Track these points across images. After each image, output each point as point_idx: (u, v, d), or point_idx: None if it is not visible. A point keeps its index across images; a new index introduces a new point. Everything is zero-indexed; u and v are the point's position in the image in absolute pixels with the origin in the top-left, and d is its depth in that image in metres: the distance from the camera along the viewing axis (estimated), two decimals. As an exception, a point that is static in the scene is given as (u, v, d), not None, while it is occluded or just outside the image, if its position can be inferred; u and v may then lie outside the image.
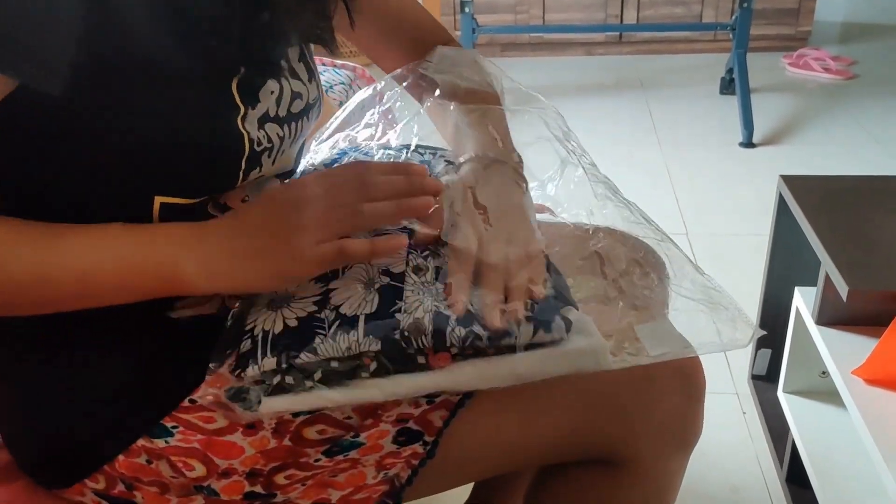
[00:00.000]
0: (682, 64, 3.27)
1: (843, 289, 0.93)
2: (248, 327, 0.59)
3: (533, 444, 0.67)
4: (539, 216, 0.77)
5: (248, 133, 0.60)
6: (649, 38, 3.36)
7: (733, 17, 2.64)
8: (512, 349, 0.57)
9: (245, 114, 0.60)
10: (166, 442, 0.61)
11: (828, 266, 0.98)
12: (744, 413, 1.38)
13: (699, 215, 2.07)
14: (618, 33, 3.35)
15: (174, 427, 0.61)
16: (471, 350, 0.57)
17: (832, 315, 1.01)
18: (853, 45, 3.43)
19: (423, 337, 0.57)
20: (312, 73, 0.71)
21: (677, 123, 2.69)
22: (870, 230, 1.04)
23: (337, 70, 1.22)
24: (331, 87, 1.15)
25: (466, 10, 2.69)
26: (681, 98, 2.91)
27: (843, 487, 1.01)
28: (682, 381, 0.68)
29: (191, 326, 0.63)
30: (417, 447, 0.63)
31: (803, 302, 1.08)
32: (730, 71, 2.80)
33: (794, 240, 1.20)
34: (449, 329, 0.57)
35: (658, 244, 0.76)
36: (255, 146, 0.61)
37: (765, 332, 0.65)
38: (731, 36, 2.72)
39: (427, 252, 0.64)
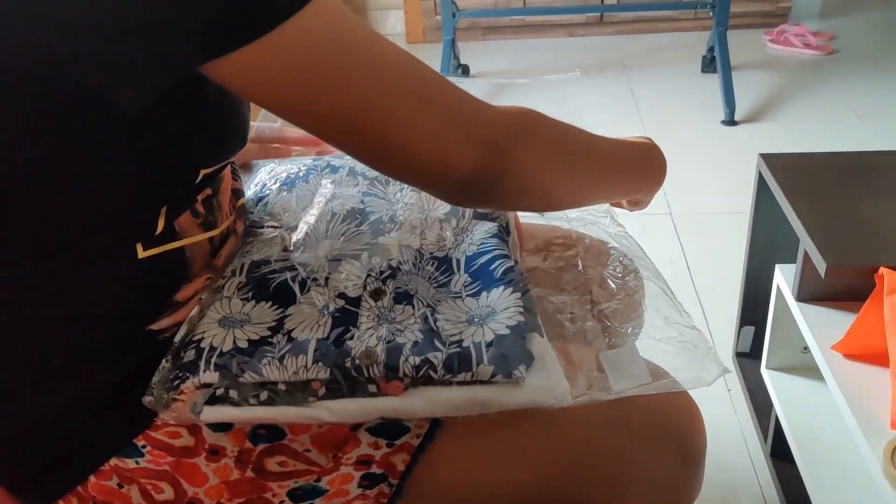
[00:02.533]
0: (664, 43, 3.27)
1: (821, 265, 0.94)
2: (195, 338, 0.59)
3: (504, 496, 0.64)
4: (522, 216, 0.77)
5: None
6: (630, 17, 3.36)
7: (713, -5, 2.64)
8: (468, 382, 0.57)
9: None
10: (136, 462, 0.60)
11: (806, 243, 0.99)
12: (729, 390, 1.39)
13: (682, 194, 2.07)
14: (599, 14, 3.34)
15: (143, 446, 0.60)
16: (424, 379, 0.57)
17: (811, 291, 1.01)
18: (833, 19, 3.44)
19: (375, 366, 0.56)
20: None
21: (660, 103, 2.69)
22: (848, 206, 1.04)
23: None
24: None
25: (446, -6, 2.68)
26: (663, 77, 2.91)
27: (824, 461, 1.03)
28: (676, 446, 0.65)
29: (168, 343, 0.61)
30: (384, 487, 0.62)
31: (783, 279, 1.09)
32: (711, 49, 2.80)
33: (774, 217, 1.21)
34: (402, 358, 0.56)
35: (645, 275, 0.76)
36: None
37: (730, 371, 0.65)
38: (711, 14, 2.72)
39: (387, 274, 0.63)
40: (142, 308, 0.60)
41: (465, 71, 3.02)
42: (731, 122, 2.46)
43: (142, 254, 0.58)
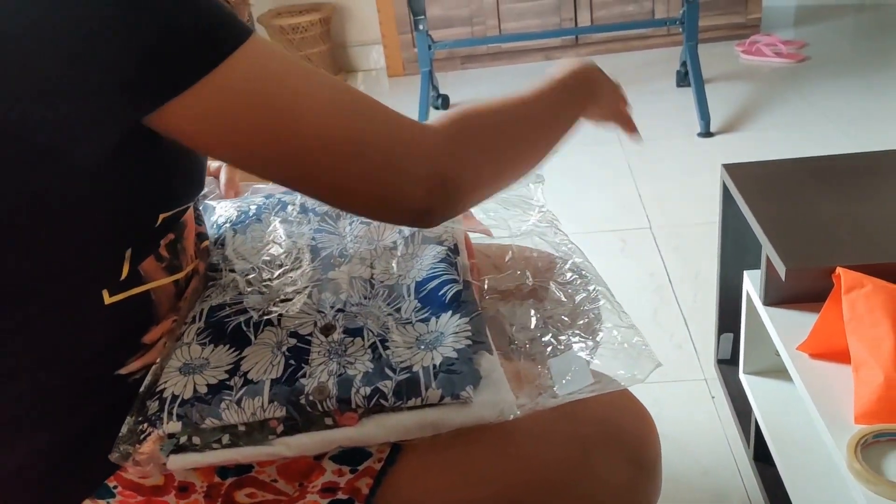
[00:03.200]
0: (639, 61, 3.33)
1: (781, 268, 0.97)
2: (158, 388, 0.61)
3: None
4: (474, 237, 0.80)
5: None
6: (604, 38, 3.41)
7: (681, 12, 2.69)
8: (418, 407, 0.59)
9: None
10: (108, 503, 0.62)
11: (767, 248, 1.02)
12: (713, 397, 1.41)
13: (662, 208, 2.11)
14: (573, 36, 3.40)
15: (115, 487, 0.62)
16: (377, 408, 0.59)
17: (776, 295, 1.04)
18: (805, 28, 3.50)
19: (328, 400, 0.59)
20: None
21: (637, 119, 2.70)
22: (807, 210, 1.07)
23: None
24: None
25: (421, 27, 2.73)
26: (639, 94, 2.96)
27: (802, 461, 1.05)
28: (629, 453, 0.67)
29: (137, 385, 0.63)
30: None
31: (752, 284, 1.12)
32: (684, 64, 2.85)
33: (741, 225, 1.24)
34: (354, 390, 0.59)
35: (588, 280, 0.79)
36: None
37: (661, 364, 0.65)
38: (681, 30, 2.77)
39: (337, 308, 0.65)
40: (111, 352, 0.62)
41: (445, 101, 3.07)
42: (706, 133, 2.50)
43: (108, 300, 0.60)
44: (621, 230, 2.02)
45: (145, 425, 0.59)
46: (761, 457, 1.20)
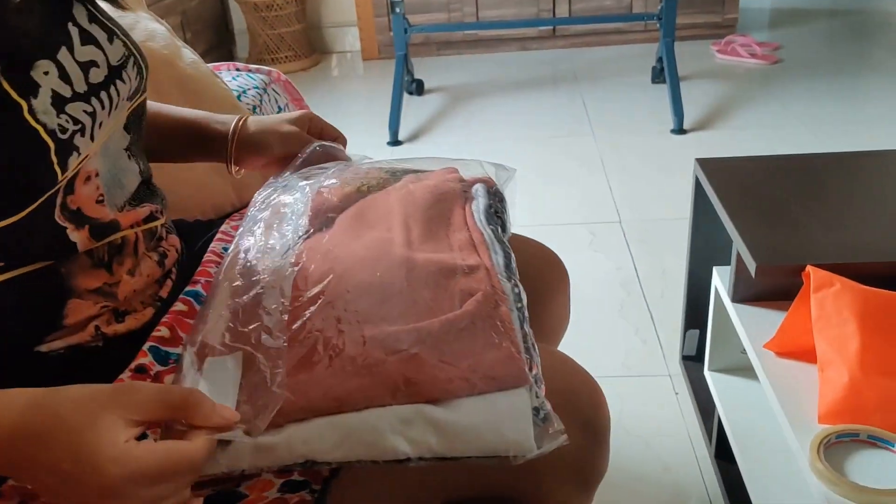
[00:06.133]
0: (615, 55, 3.33)
1: (751, 265, 0.96)
2: None
3: (429, 484, 0.64)
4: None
5: (45, 125, 0.55)
6: (582, 31, 3.41)
7: (659, 8, 2.68)
8: None
9: (30, 106, 0.55)
10: None
11: (737, 244, 1.01)
12: (676, 394, 1.41)
13: (632, 203, 2.10)
14: (551, 28, 3.39)
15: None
16: None
17: (745, 292, 1.03)
18: (779, 30, 3.52)
19: None
20: (112, 32, 0.66)
21: (611, 114, 2.73)
22: (779, 207, 1.06)
23: (251, 74, 1.21)
24: (244, 91, 1.14)
25: (397, 10, 2.69)
26: (614, 89, 2.95)
27: (763, 460, 1.04)
28: (583, 422, 0.66)
29: (59, 363, 0.60)
30: (305, 494, 0.61)
31: (720, 281, 1.11)
32: (660, 60, 2.84)
33: (711, 221, 1.23)
34: None
35: None
36: (60, 134, 0.57)
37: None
38: (658, 26, 2.77)
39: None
40: (19, 327, 0.59)
41: (420, 86, 3.03)
42: (679, 130, 2.50)
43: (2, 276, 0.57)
44: (591, 223, 2.01)
45: None
46: (723, 454, 1.19)
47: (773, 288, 1.01)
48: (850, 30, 3.50)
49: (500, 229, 0.75)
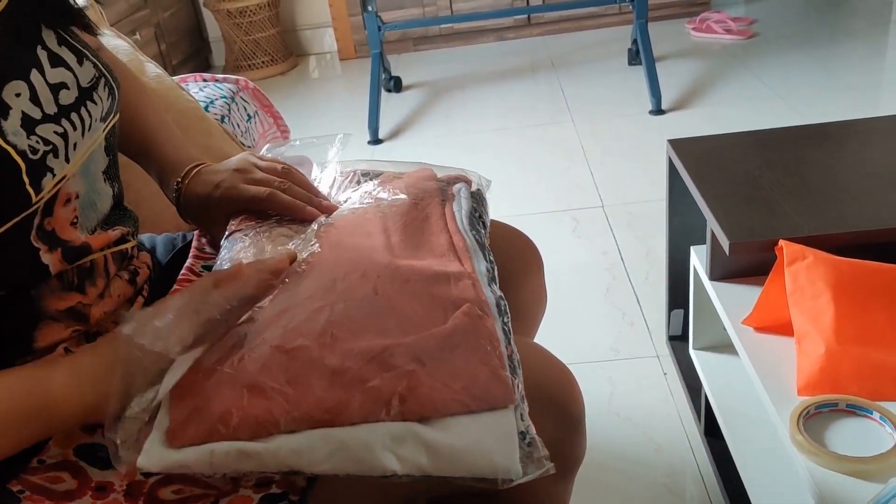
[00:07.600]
0: (591, 40, 3.32)
1: (725, 242, 0.96)
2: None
3: (413, 487, 0.64)
4: None
5: (15, 146, 0.55)
6: (557, 17, 3.40)
7: (631, -11, 2.68)
8: None
9: (0, 128, 0.55)
10: None
11: (711, 222, 1.01)
12: (665, 374, 1.41)
13: (614, 186, 2.10)
14: (526, 16, 3.38)
15: (20, 492, 0.58)
16: None
17: (722, 269, 1.04)
18: (754, 5, 3.52)
19: None
20: (82, 54, 0.66)
21: (589, 98, 2.73)
22: (750, 183, 1.07)
23: (218, 84, 1.21)
24: (211, 101, 1.14)
25: (370, 8, 2.68)
26: (591, 73, 2.95)
27: (749, 435, 1.05)
28: (556, 411, 0.66)
29: None
30: None
31: (698, 259, 1.11)
32: (635, 42, 2.85)
33: (687, 201, 1.23)
34: None
35: None
36: (31, 155, 0.56)
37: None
38: (631, 8, 2.77)
39: None
40: None
41: (398, 83, 3.03)
42: (658, 111, 2.51)
43: None
44: (574, 209, 2.01)
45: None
46: (712, 432, 1.20)
47: (748, 264, 1.02)
48: (826, 2, 3.50)
49: (482, 234, 0.75)
